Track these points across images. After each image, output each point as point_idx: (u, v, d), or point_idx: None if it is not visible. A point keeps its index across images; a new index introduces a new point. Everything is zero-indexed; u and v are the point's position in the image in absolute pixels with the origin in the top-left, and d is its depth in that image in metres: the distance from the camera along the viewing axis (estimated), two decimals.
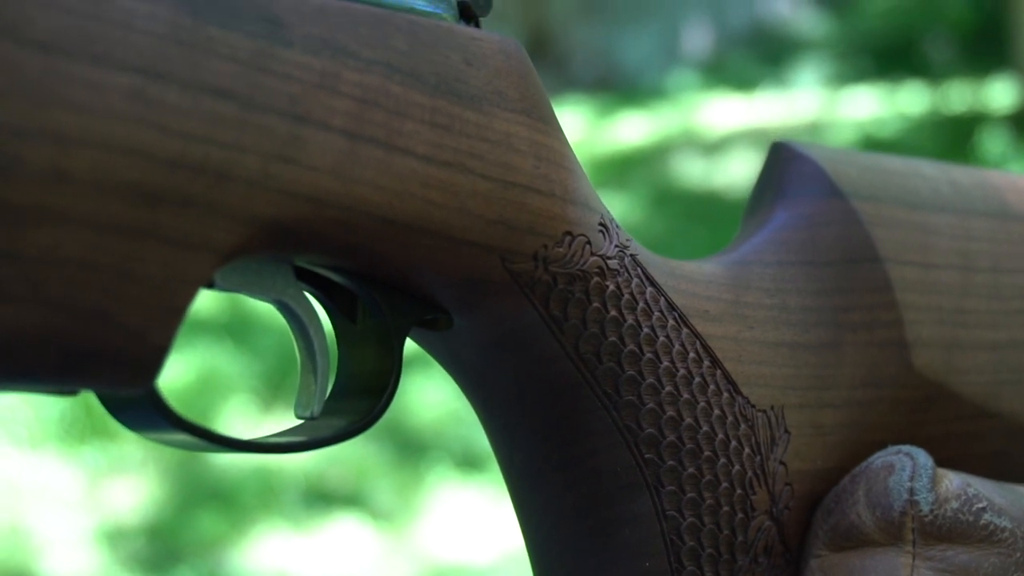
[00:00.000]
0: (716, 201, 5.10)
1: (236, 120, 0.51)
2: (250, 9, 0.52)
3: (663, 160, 5.52)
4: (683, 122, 5.89)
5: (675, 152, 5.59)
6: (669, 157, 5.55)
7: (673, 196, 5.17)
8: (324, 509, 2.93)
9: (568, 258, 0.61)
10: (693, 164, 5.47)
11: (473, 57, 0.59)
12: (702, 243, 4.70)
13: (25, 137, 0.46)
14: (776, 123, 5.65)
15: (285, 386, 3.43)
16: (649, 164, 5.46)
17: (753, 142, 5.49)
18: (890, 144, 5.26)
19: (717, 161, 5.42)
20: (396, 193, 0.55)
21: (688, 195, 5.19)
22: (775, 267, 0.70)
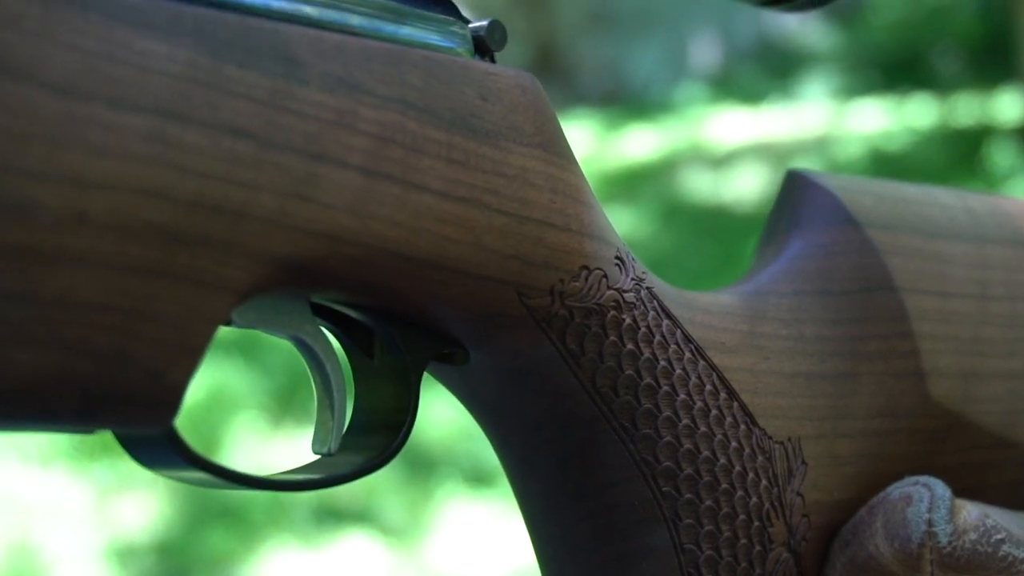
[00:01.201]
0: (724, 215, 5.10)
1: (253, 159, 0.50)
2: (267, 48, 0.52)
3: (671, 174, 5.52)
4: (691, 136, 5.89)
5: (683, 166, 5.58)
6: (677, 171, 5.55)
7: (681, 210, 5.16)
8: (334, 525, 2.93)
9: (585, 292, 0.61)
10: (701, 178, 5.47)
11: (489, 92, 0.59)
12: (711, 257, 4.70)
13: (44, 180, 0.46)
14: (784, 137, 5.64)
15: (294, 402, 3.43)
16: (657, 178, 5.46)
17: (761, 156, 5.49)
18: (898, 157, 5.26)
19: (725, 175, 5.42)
20: (412, 229, 0.55)
21: (696, 209, 5.19)
22: (791, 297, 0.70)
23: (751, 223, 4.97)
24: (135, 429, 0.50)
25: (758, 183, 5.30)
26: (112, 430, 0.51)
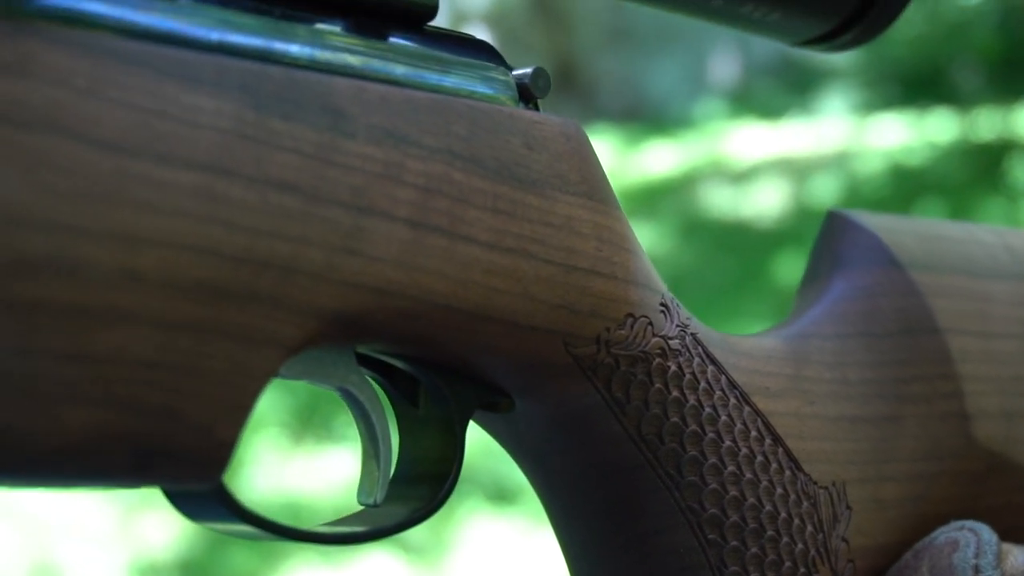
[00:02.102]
0: (744, 231, 5.09)
1: (301, 213, 0.50)
2: (312, 100, 0.52)
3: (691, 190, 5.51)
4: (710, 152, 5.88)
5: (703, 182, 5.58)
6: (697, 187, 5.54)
7: (701, 226, 5.15)
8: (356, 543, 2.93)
9: (630, 340, 0.60)
10: (721, 194, 5.46)
11: (534, 141, 0.58)
12: (731, 273, 4.69)
13: (94, 238, 0.45)
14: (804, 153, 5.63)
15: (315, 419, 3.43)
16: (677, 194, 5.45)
17: (781, 172, 5.47)
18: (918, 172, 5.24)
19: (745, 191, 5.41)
20: (460, 281, 0.55)
21: (716, 225, 5.18)
22: (834, 340, 0.69)
23: (771, 239, 4.96)
24: (185, 485, 0.50)
25: (778, 199, 5.29)
26: (161, 486, 0.51)
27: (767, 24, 0.69)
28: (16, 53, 0.45)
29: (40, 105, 0.45)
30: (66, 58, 0.46)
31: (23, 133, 0.44)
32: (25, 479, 0.47)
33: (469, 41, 0.60)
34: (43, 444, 0.45)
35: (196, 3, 0.51)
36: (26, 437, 0.45)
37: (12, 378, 0.44)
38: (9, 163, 0.44)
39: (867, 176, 5.32)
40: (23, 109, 0.44)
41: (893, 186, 5.15)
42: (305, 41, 0.54)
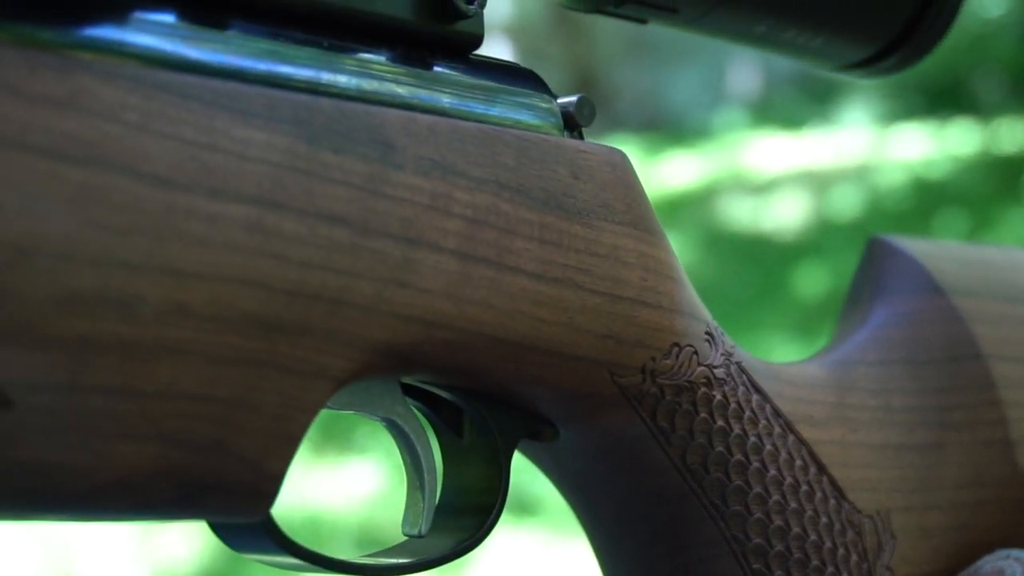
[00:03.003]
0: (765, 243, 5.08)
1: (351, 246, 0.50)
2: (362, 132, 0.51)
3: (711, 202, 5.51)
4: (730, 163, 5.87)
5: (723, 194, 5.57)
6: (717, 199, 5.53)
7: (722, 238, 5.15)
8: None
9: (676, 370, 0.60)
10: (741, 206, 5.45)
11: (580, 170, 0.58)
12: (752, 286, 4.68)
13: (145, 273, 0.45)
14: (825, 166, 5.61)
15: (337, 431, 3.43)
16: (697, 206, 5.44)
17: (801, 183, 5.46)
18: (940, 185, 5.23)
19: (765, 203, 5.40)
20: (507, 312, 0.55)
21: (737, 237, 5.17)
22: (878, 367, 0.69)
23: (792, 251, 4.94)
24: (232, 518, 0.50)
25: (799, 211, 5.28)
26: (208, 520, 0.50)
27: (810, 50, 0.69)
28: (67, 88, 0.45)
29: (91, 140, 0.45)
30: (117, 92, 0.46)
31: (74, 168, 0.44)
32: (73, 514, 0.46)
33: (514, 69, 0.60)
34: (92, 480, 0.45)
35: (245, 35, 0.51)
36: (75, 473, 0.45)
37: (62, 414, 0.44)
38: (60, 198, 0.44)
39: (888, 189, 5.31)
40: (74, 144, 0.44)
41: (915, 199, 5.14)
42: (353, 71, 0.54)
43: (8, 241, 0.43)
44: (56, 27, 0.46)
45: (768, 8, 0.66)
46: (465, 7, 0.57)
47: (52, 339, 0.44)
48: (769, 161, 5.84)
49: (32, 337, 0.43)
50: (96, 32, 0.47)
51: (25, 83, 0.44)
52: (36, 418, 0.44)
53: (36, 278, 0.43)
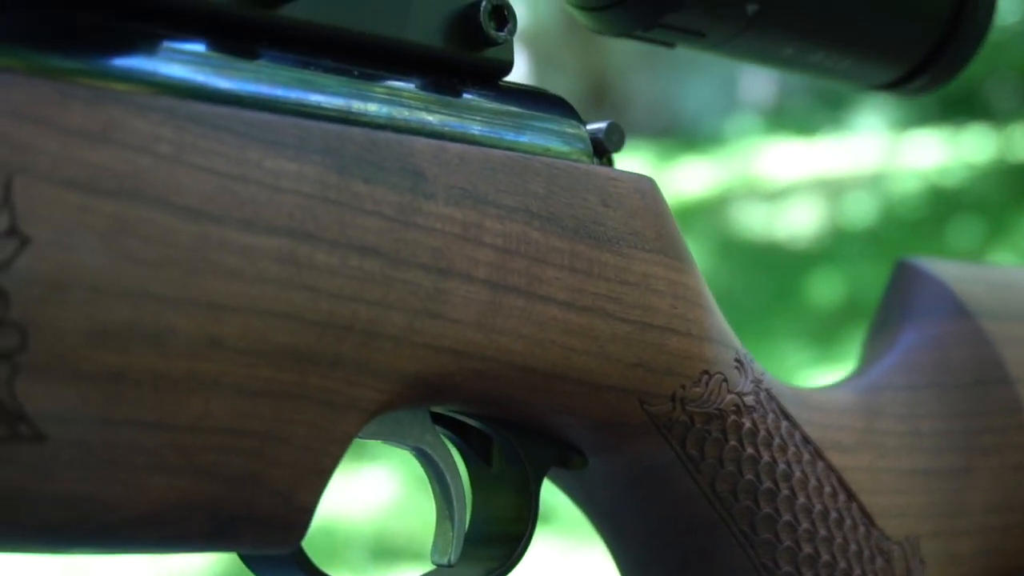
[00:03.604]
0: (779, 251, 5.07)
1: (382, 277, 0.50)
2: (393, 162, 0.51)
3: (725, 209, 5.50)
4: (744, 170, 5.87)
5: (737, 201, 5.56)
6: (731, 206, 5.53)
7: (736, 246, 5.14)
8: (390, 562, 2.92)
9: (705, 397, 0.60)
10: (755, 213, 5.44)
11: (610, 198, 0.58)
12: (766, 294, 4.67)
13: (178, 306, 0.45)
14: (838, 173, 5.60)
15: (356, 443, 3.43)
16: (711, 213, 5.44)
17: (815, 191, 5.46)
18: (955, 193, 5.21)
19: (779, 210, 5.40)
20: (537, 341, 0.54)
21: (751, 245, 5.17)
22: (906, 391, 0.69)
23: (805, 258, 4.94)
24: (263, 550, 0.49)
25: (812, 218, 5.27)
26: (239, 552, 0.50)
27: (838, 71, 0.69)
28: (99, 120, 0.44)
29: (123, 172, 0.45)
30: (149, 124, 0.45)
31: (106, 201, 0.44)
32: (103, 547, 0.46)
33: (543, 96, 0.60)
34: (123, 513, 0.45)
35: (276, 64, 0.51)
36: (107, 506, 0.45)
37: (94, 447, 0.44)
38: (92, 231, 0.44)
39: (903, 196, 5.30)
40: (106, 176, 0.44)
41: (929, 206, 5.13)
42: (383, 100, 0.53)
43: (41, 275, 0.43)
44: (87, 58, 0.46)
45: (796, 31, 0.66)
46: (495, 34, 0.57)
47: (84, 373, 0.44)
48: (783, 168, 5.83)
49: (64, 371, 0.43)
50: (127, 63, 0.47)
51: (57, 116, 0.44)
52: (68, 451, 0.44)
53: (68, 312, 0.43)
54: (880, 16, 0.67)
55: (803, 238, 5.13)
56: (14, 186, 0.42)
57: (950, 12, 0.68)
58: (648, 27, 0.63)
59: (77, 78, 0.46)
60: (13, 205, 0.42)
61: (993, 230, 4.79)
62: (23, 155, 0.43)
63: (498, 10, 0.57)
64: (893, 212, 5.18)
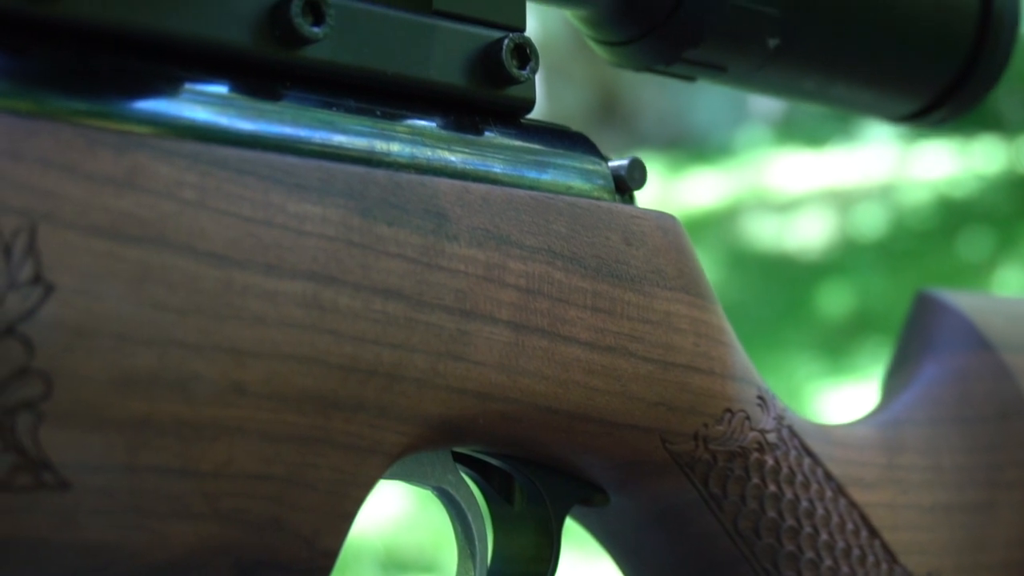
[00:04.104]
0: (789, 262, 5.06)
1: (405, 320, 0.50)
2: (416, 203, 0.51)
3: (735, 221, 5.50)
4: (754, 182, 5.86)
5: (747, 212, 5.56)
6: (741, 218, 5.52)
7: (745, 257, 5.13)
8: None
9: (728, 435, 0.60)
10: (765, 224, 5.44)
11: (633, 236, 0.57)
12: (776, 306, 4.66)
13: (203, 352, 0.45)
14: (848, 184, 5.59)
15: None
16: (721, 225, 5.43)
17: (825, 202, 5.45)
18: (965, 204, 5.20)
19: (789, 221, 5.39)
20: (560, 382, 0.54)
21: (760, 256, 5.16)
22: (927, 426, 0.69)
23: (816, 270, 4.93)
24: None
25: (822, 229, 5.26)
26: None
27: (859, 103, 0.69)
28: (124, 166, 0.44)
29: (148, 219, 0.44)
30: (174, 170, 0.45)
31: (131, 247, 0.44)
32: None
33: (565, 133, 0.60)
34: (148, 560, 0.45)
35: (299, 105, 0.51)
36: (131, 553, 0.44)
37: (118, 494, 0.44)
38: (117, 278, 0.43)
39: (913, 207, 5.29)
40: (131, 223, 0.44)
41: (939, 217, 5.12)
42: (406, 140, 0.53)
43: (66, 323, 0.42)
44: (112, 101, 0.46)
45: (816, 65, 0.66)
46: (517, 72, 0.56)
47: (109, 420, 0.43)
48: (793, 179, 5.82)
49: (89, 419, 0.43)
50: (152, 106, 0.47)
51: (84, 162, 0.44)
52: (93, 499, 0.43)
53: (93, 360, 0.43)
54: (900, 49, 0.67)
55: (813, 249, 5.12)
56: (39, 234, 0.42)
57: (970, 44, 0.68)
58: (668, 62, 0.63)
59: (102, 122, 0.45)
60: (38, 253, 0.42)
61: (1003, 241, 4.77)
62: (48, 202, 0.43)
63: (520, 48, 0.57)
64: (903, 223, 5.17)
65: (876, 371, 4.36)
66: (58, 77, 0.46)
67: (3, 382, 0.41)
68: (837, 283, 4.78)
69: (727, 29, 0.62)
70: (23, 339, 0.42)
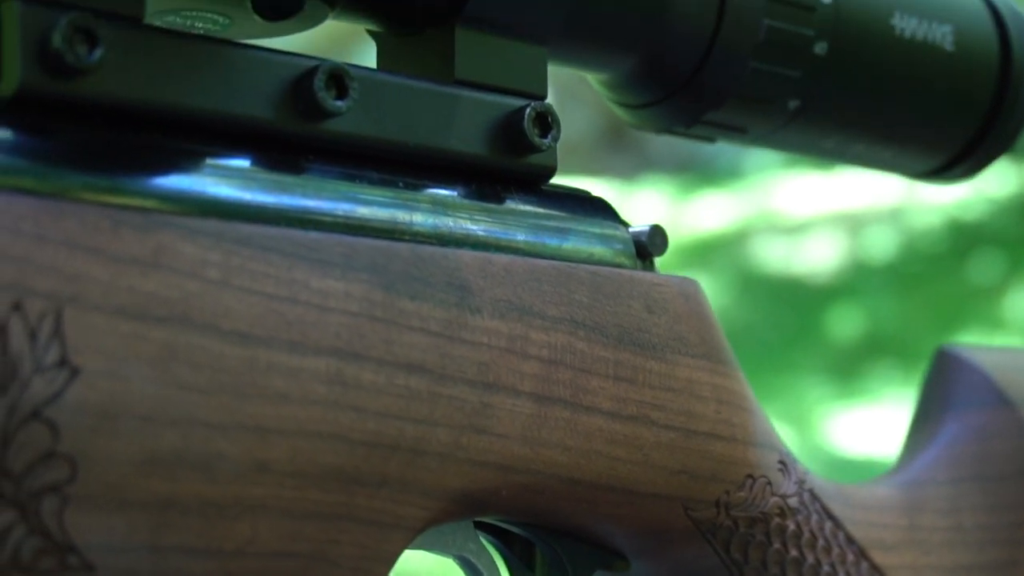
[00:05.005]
0: (799, 286, 5.06)
1: (428, 394, 0.49)
2: (439, 276, 0.51)
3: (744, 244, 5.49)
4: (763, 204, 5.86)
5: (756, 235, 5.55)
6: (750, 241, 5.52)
7: (755, 280, 5.13)
8: None
9: (750, 501, 0.59)
10: (774, 247, 5.43)
11: (654, 304, 0.57)
12: (786, 329, 4.66)
13: (227, 432, 0.45)
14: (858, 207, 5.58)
15: None
16: (730, 248, 5.43)
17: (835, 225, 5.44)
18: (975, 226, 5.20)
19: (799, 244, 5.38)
20: (583, 453, 0.54)
21: (770, 279, 5.15)
22: (948, 485, 0.68)
23: (826, 293, 4.92)
24: None
25: (832, 252, 5.26)
26: None
27: (878, 161, 0.69)
28: (149, 246, 0.44)
29: (173, 299, 0.44)
30: (198, 249, 0.45)
31: (156, 328, 0.44)
32: None
33: (585, 198, 0.60)
34: None
35: (322, 178, 0.51)
36: None
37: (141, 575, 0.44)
38: (141, 359, 0.43)
39: (923, 230, 5.28)
40: (156, 303, 0.44)
41: (949, 240, 5.11)
42: (428, 210, 0.53)
43: (91, 406, 0.42)
44: (136, 179, 0.46)
45: (837, 125, 0.66)
46: (539, 141, 0.56)
47: (133, 502, 0.43)
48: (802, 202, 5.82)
49: (114, 501, 0.43)
50: (176, 183, 0.47)
51: (109, 244, 0.44)
52: None
53: (118, 442, 0.43)
54: (920, 109, 0.67)
55: (823, 273, 5.12)
56: (65, 317, 0.42)
57: (990, 102, 0.68)
58: (689, 124, 0.63)
59: (127, 200, 0.45)
60: (64, 336, 0.42)
61: (1014, 265, 4.77)
62: (74, 285, 0.43)
63: (542, 117, 0.56)
64: (913, 246, 5.16)
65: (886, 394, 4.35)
66: (83, 156, 0.46)
67: (29, 466, 0.41)
68: (847, 306, 4.77)
69: (748, 92, 0.62)
70: (49, 423, 0.42)
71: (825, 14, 0.63)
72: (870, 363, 4.46)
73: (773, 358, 4.36)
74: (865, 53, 0.64)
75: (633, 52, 0.61)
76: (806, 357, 4.56)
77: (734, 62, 0.61)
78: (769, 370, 4.35)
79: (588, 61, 0.61)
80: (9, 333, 0.41)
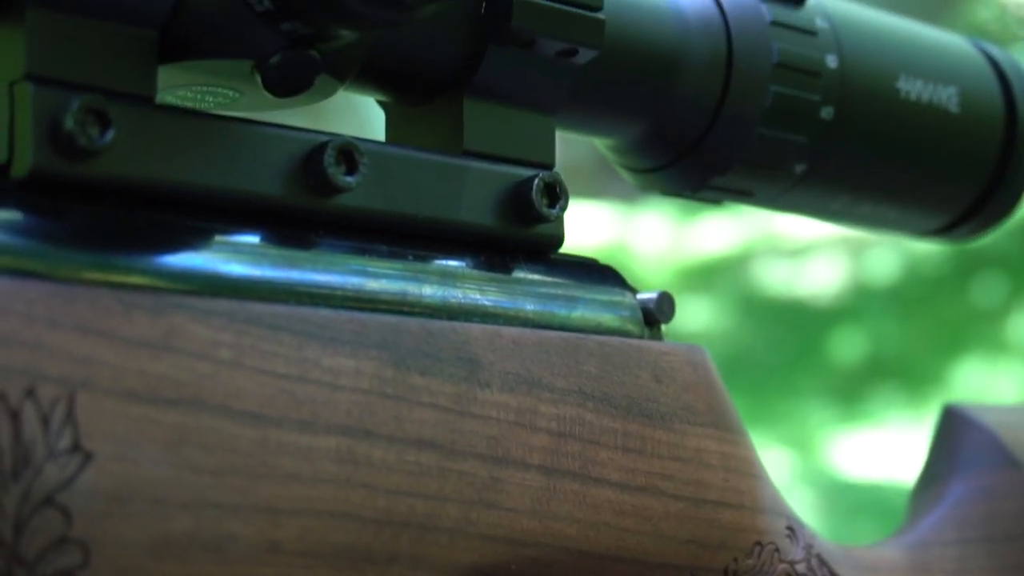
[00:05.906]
0: (802, 308, 5.05)
1: (438, 469, 0.50)
2: (449, 351, 0.51)
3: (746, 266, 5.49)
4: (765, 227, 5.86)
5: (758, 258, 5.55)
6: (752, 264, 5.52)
7: (757, 303, 5.13)
8: None
9: (758, 569, 0.59)
10: (777, 271, 5.43)
11: (663, 373, 0.57)
12: (788, 352, 4.65)
13: (238, 513, 0.45)
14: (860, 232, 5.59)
15: None
16: (732, 271, 5.43)
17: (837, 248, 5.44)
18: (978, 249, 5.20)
19: (801, 267, 5.39)
20: (591, 524, 0.54)
21: (772, 302, 5.15)
22: (955, 547, 0.68)
23: (828, 316, 4.92)
24: None
25: (834, 275, 5.26)
26: None
27: (886, 221, 0.69)
28: (161, 329, 0.45)
29: (184, 381, 0.45)
30: (210, 330, 0.45)
31: (167, 411, 0.44)
32: None
33: (593, 266, 0.60)
34: None
35: (332, 252, 0.51)
36: None
37: None
38: (153, 443, 0.44)
39: (925, 253, 5.27)
40: (167, 386, 0.44)
41: (952, 263, 5.11)
42: (437, 283, 0.53)
43: (103, 490, 0.42)
44: (146, 259, 0.46)
45: (843, 187, 0.66)
46: (547, 212, 0.57)
47: None
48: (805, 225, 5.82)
49: None
50: (187, 262, 0.47)
51: (120, 327, 0.44)
52: None
53: (130, 526, 0.43)
54: (927, 170, 0.67)
55: (825, 295, 5.11)
56: (77, 402, 0.42)
57: (996, 161, 0.68)
58: (696, 189, 0.64)
59: (138, 279, 0.46)
60: (76, 421, 0.42)
61: (1017, 287, 4.76)
62: (86, 370, 0.43)
63: (550, 187, 0.57)
64: (916, 269, 5.16)
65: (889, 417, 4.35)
66: (93, 237, 0.46)
67: (42, 553, 0.41)
68: (849, 329, 4.77)
69: (754, 158, 0.62)
70: (61, 509, 0.42)
71: (831, 79, 0.63)
72: (872, 386, 4.45)
73: (775, 381, 4.36)
74: (871, 117, 0.64)
75: (641, 119, 0.61)
76: (808, 380, 4.56)
77: (741, 128, 0.61)
78: (771, 393, 4.34)
79: (596, 128, 0.62)
80: (23, 419, 0.41)
